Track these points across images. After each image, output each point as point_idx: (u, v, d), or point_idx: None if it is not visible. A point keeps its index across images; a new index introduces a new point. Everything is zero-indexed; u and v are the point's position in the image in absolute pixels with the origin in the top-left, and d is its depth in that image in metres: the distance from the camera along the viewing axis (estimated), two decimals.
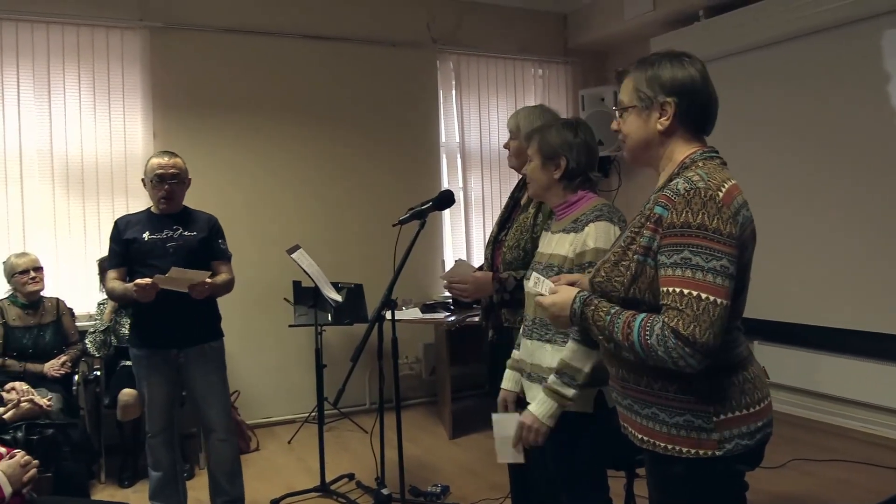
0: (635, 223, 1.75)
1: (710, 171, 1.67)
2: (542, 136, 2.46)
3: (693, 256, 1.58)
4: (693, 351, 1.55)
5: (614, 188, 6.59)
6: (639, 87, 1.78)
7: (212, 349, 3.54)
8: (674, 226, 1.61)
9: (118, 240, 3.52)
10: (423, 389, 6.10)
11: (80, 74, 4.99)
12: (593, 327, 1.73)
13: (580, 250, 2.27)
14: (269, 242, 5.33)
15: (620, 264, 1.74)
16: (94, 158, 5.02)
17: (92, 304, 4.81)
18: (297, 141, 5.67)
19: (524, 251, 2.74)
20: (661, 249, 1.63)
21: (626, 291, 1.71)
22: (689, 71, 1.74)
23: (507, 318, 2.80)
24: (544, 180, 2.45)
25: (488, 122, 6.41)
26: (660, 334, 1.58)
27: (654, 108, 1.76)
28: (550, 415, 2.19)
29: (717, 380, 1.67)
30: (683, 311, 1.56)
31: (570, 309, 1.79)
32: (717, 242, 1.58)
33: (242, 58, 5.47)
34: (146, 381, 3.49)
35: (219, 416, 3.56)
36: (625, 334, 1.64)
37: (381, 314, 2.97)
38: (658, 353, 1.58)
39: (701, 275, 1.57)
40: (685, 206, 1.61)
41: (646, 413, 1.74)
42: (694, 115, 1.75)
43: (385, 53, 5.97)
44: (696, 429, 1.67)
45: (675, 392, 1.68)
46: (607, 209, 2.33)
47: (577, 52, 6.79)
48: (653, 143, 1.79)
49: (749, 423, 1.68)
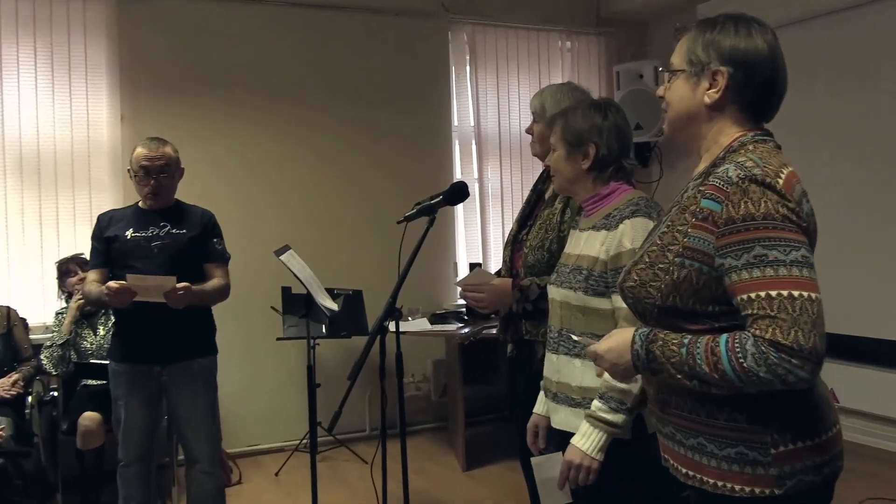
0: (674, 217, 1.73)
1: (764, 155, 1.65)
2: (565, 121, 2.45)
3: (768, 251, 1.55)
4: (802, 361, 1.50)
5: (654, 179, 6.58)
6: (693, 50, 1.76)
7: (201, 367, 3.55)
8: (733, 221, 1.58)
9: (99, 237, 3.56)
10: (431, 413, 6.11)
11: (37, 49, 5.02)
12: (667, 366, 1.65)
13: (615, 252, 2.26)
14: (254, 243, 5.34)
15: (657, 267, 1.71)
16: (51, 145, 5.05)
17: (49, 313, 4.84)
18: (286, 127, 5.68)
19: (549, 252, 2.73)
20: (723, 251, 1.60)
21: (664, 299, 1.69)
22: (755, 41, 1.71)
23: (529, 331, 2.79)
24: (570, 172, 2.44)
25: (508, 102, 6.41)
26: (756, 352, 1.52)
27: (704, 75, 1.74)
28: (600, 447, 2.17)
29: (775, 404, 1.63)
30: (777, 317, 1.51)
31: (631, 351, 1.72)
32: (789, 231, 1.55)
33: (223, 30, 5.49)
34: (124, 400, 3.50)
35: (204, 445, 3.56)
36: (711, 364, 1.57)
37: (384, 325, 2.96)
38: (760, 375, 1.52)
39: (785, 270, 1.53)
40: (742, 196, 1.58)
41: (691, 444, 1.72)
42: (751, 92, 1.72)
43: (388, 24, 5.98)
44: (750, 462, 1.64)
45: (725, 419, 1.66)
46: (644, 203, 2.32)
47: (611, 22, 6.78)
48: (697, 118, 1.78)
49: (814, 455, 1.65)
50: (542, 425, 2.56)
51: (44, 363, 4.50)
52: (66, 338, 4.51)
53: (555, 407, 2.41)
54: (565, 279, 2.37)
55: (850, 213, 5.05)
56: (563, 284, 2.37)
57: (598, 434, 2.17)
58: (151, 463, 3.60)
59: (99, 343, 4.55)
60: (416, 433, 5.90)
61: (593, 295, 2.28)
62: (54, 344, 4.51)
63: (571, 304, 2.34)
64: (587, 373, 2.25)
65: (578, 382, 2.30)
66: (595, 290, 2.28)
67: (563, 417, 2.37)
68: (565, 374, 2.36)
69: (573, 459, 2.19)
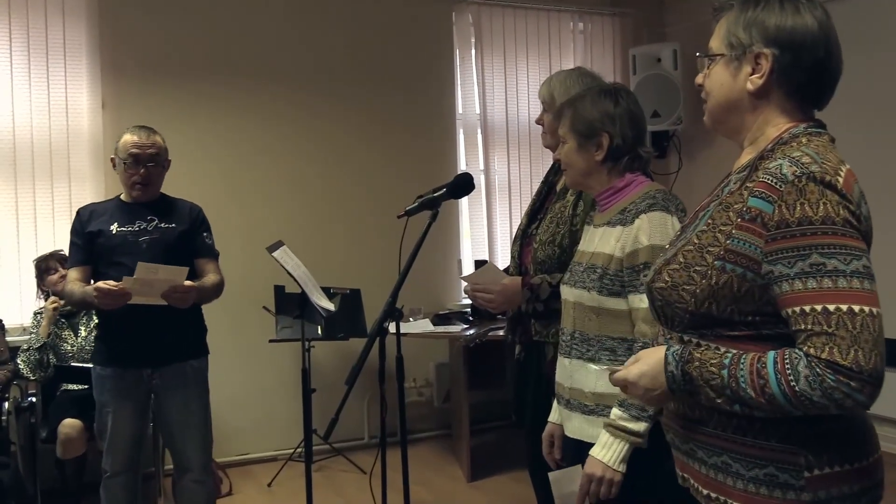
0: (715, 215, 1.67)
1: (820, 149, 1.59)
2: (574, 111, 2.45)
3: (827, 260, 1.49)
4: (861, 384, 1.44)
5: (673, 171, 6.58)
6: (732, 31, 1.70)
7: (193, 370, 3.57)
8: (787, 224, 1.52)
9: (80, 232, 3.56)
10: (434, 420, 6.12)
11: (12, 32, 5.02)
12: (706, 389, 1.59)
13: (631, 249, 2.26)
14: (245, 238, 5.35)
15: (693, 269, 1.66)
16: (28, 134, 5.05)
17: (27, 314, 4.86)
18: (279, 115, 5.69)
19: (560, 248, 2.73)
20: (773, 257, 1.54)
21: (697, 305, 1.64)
22: (804, 18, 1.65)
23: (539, 331, 2.79)
24: (583, 164, 2.44)
25: (516, 89, 6.40)
26: (809, 374, 1.46)
27: (746, 59, 1.68)
28: (622, 458, 2.17)
29: (812, 423, 1.57)
30: (835, 335, 1.46)
31: (665, 374, 1.65)
32: (850, 238, 1.50)
33: (213, 12, 5.50)
34: (111, 408, 3.50)
35: (196, 453, 3.58)
36: (758, 388, 1.51)
37: (384, 327, 2.96)
38: (813, 399, 1.46)
39: (845, 282, 1.47)
40: (798, 197, 1.52)
41: (713, 462, 1.68)
42: (800, 76, 1.66)
43: (388, 5, 5.98)
44: (780, 486, 1.59)
45: (754, 437, 1.61)
46: (662, 196, 2.32)
47: (627, 2, 6.77)
48: (739, 107, 1.72)
49: (853, 482, 1.59)
50: (558, 434, 2.57)
51: (21, 367, 4.51)
52: (44, 341, 4.52)
53: (568, 414, 2.42)
54: (579, 278, 2.38)
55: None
56: (577, 284, 2.38)
57: (620, 444, 2.17)
58: (138, 473, 3.61)
59: (80, 345, 4.57)
60: (417, 441, 5.90)
61: (608, 295, 2.29)
62: (31, 347, 4.52)
63: (585, 304, 2.34)
64: (601, 378, 2.26)
65: (592, 388, 2.30)
66: (610, 290, 2.29)
67: (576, 426, 2.38)
68: (578, 379, 2.36)
69: (594, 472, 2.19)
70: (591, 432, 2.30)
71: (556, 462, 2.57)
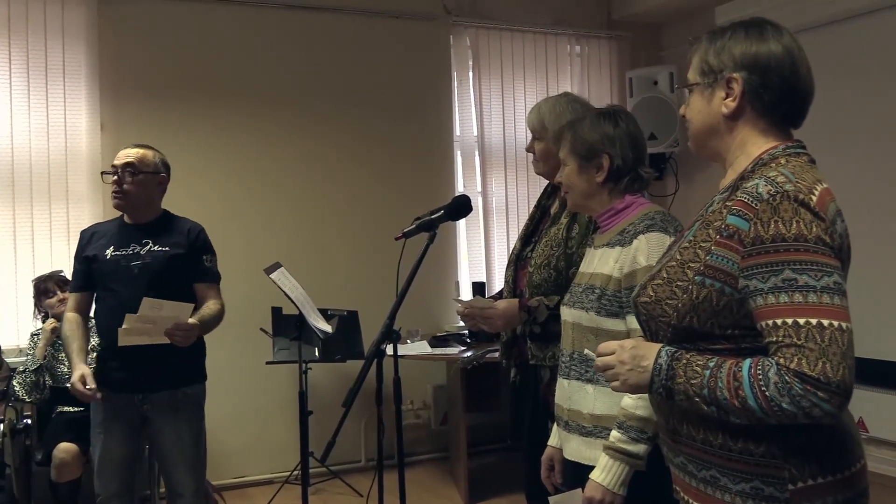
0: (697, 233, 1.73)
1: (797, 169, 1.65)
2: (574, 133, 2.47)
3: (798, 276, 1.54)
4: (828, 395, 1.49)
5: (670, 192, 6.59)
6: (704, 59, 1.79)
7: (186, 397, 3.51)
8: (761, 240, 1.58)
9: (78, 256, 3.55)
10: (432, 442, 6.10)
11: (12, 52, 5.03)
12: (685, 386, 1.64)
13: (629, 269, 2.27)
14: (242, 260, 5.34)
15: (675, 284, 1.72)
16: (26, 155, 5.05)
17: (23, 335, 4.84)
18: (277, 136, 5.70)
19: (556, 271, 2.74)
20: (749, 272, 1.60)
21: (679, 319, 1.69)
22: (769, 45, 1.73)
23: (535, 354, 2.79)
24: (585, 187, 2.45)
25: (514, 111, 6.42)
26: (779, 381, 1.51)
27: (718, 84, 1.77)
28: (622, 481, 2.17)
29: (795, 435, 1.62)
30: (804, 347, 1.51)
31: (654, 364, 1.70)
32: (822, 255, 1.55)
33: (212, 34, 5.52)
34: (102, 429, 3.47)
35: (188, 479, 3.53)
36: (732, 390, 1.57)
37: (381, 349, 2.96)
38: (782, 406, 1.51)
39: (815, 297, 1.53)
40: (773, 215, 1.58)
41: (703, 476, 1.72)
42: (771, 96, 1.73)
43: (387, 27, 6.01)
44: (766, 499, 1.63)
45: (739, 450, 1.65)
46: (660, 217, 2.33)
47: (623, 25, 6.80)
48: (717, 130, 1.80)
49: (836, 492, 1.63)
50: (557, 458, 2.56)
51: (16, 389, 4.50)
52: (40, 363, 4.51)
53: (566, 436, 2.41)
54: (577, 299, 2.38)
55: (879, 228, 5.04)
56: (576, 305, 2.38)
57: (620, 467, 2.16)
58: (133, 498, 3.57)
59: None
60: (415, 464, 5.88)
61: (606, 315, 2.29)
62: (27, 369, 4.51)
63: (583, 325, 2.34)
64: (599, 399, 2.25)
65: (590, 410, 2.30)
66: (608, 311, 2.29)
67: (574, 448, 2.37)
68: (576, 400, 2.36)
69: (594, 496, 2.18)
70: (590, 454, 2.29)
71: (555, 486, 2.56)
